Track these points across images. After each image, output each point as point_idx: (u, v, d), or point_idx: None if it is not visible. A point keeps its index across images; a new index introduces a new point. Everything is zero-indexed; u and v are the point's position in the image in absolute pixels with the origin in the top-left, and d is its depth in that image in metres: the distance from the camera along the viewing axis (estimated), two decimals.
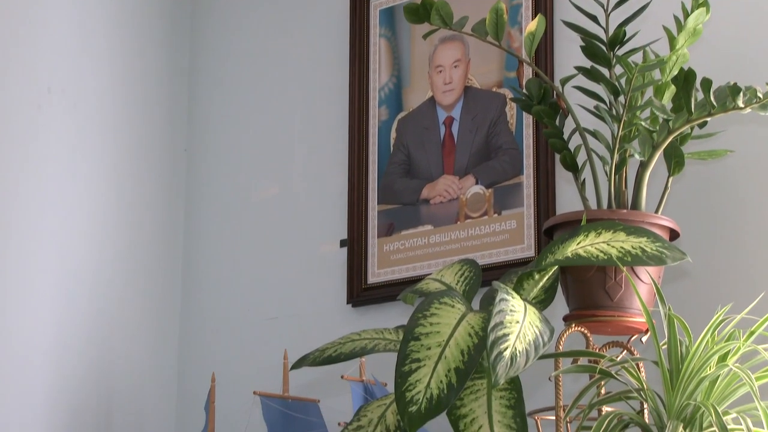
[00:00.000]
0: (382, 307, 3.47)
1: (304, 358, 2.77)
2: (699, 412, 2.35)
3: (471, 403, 2.63)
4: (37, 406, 3.43)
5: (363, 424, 2.73)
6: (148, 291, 3.79)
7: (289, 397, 3.28)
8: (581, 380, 2.81)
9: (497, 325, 2.42)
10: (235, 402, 3.55)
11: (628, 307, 2.58)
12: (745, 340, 2.37)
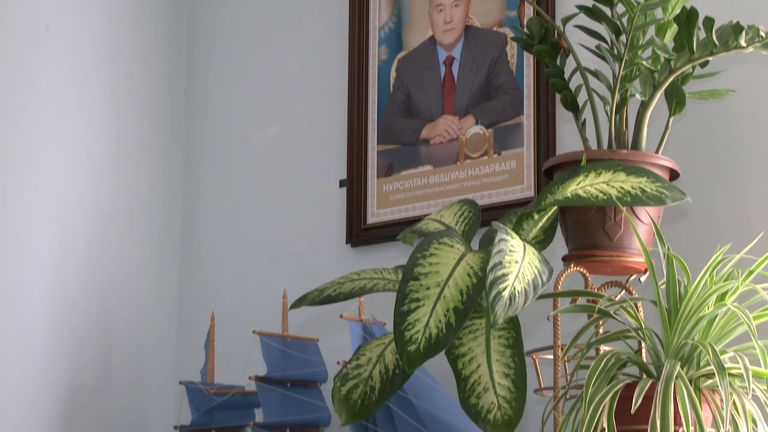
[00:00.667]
0: (381, 247, 3.47)
1: (304, 297, 2.77)
2: (697, 351, 2.36)
3: (470, 342, 2.64)
4: (36, 346, 3.44)
5: (362, 363, 2.74)
6: (147, 230, 3.79)
7: (289, 336, 3.29)
8: (579, 320, 2.81)
9: (496, 265, 2.42)
10: (234, 341, 3.56)
11: (627, 247, 2.57)
12: (744, 280, 2.38)
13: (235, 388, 3.35)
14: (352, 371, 2.73)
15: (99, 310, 3.60)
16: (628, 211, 2.54)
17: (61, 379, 3.47)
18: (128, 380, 3.64)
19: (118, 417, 3.59)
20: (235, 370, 3.38)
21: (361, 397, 2.70)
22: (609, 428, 2.32)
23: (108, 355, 3.60)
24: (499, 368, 2.59)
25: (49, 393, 3.44)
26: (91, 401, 3.53)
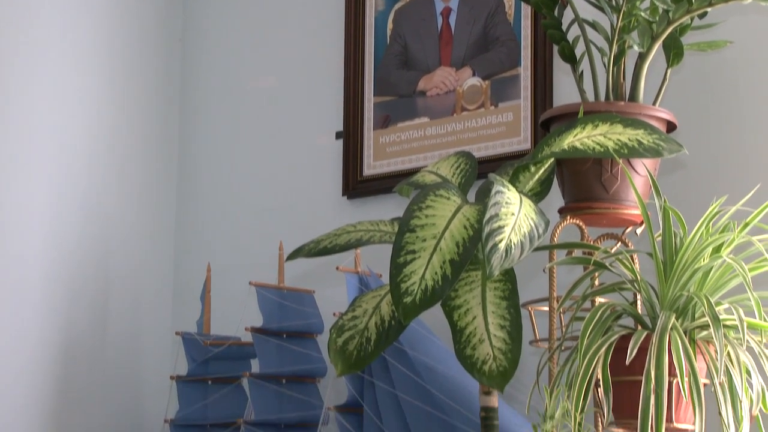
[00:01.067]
0: (378, 199, 3.47)
1: (300, 249, 2.77)
2: (692, 303, 2.36)
3: (465, 294, 2.64)
4: (32, 299, 3.44)
5: (358, 314, 2.74)
6: (143, 182, 3.79)
7: (285, 287, 3.30)
8: (575, 272, 2.82)
9: (492, 218, 2.41)
10: (230, 292, 3.57)
11: (623, 199, 2.57)
12: (740, 232, 2.37)
13: (231, 339, 3.36)
14: (348, 322, 2.74)
15: (95, 263, 3.61)
16: (624, 163, 2.53)
17: (58, 332, 3.48)
18: (125, 331, 3.65)
19: (115, 368, 3.60)
20: (231, 322, 3.39)
21: (357, 348, 2.71)
22: (604, 379, 2.33)
23: (104, 307, 3.61)
24: (494, 320, 2.60)
25: (46, 345, 3.44)
26: (87, 353, 3.54)
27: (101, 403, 3.55)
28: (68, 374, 3.49)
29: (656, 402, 2.23)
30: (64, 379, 3.48)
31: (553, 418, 2.41)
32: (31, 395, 3.40)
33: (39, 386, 3.42)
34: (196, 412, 3.32)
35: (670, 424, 2.33)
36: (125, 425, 3.60)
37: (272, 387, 3.20)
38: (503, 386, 2.58)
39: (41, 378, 3.43)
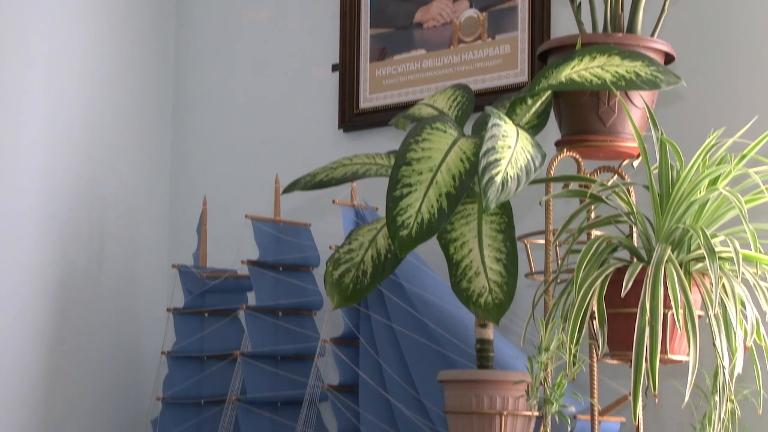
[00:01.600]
0: (374, 132, 3.46)
1: (296, 182, 2.77)
2: (687, 235, 2.36)
3: (461, 227, 2.64)
4: (28, 232, 3.44)
5: (354, 247, 2.75)
6: (138, 115, 3.77)
7: (281, 220, 3.30)
8: (571, 205, 2.82)
9: (489, 150, 2.41)
10: (226, 225, 3.57)
11: (620, 131, 2.56)
12: (736, 164, 2.37)
13: (227, 271, 3.37)
14: (344, 255, 2.74)
15: (91, 196, 3.60)
16: (622, 95, 2.52)
17: (54, 265, 3.48)
18: (121, 264, 3.65)
19: (112, 301, 3.61)
20: (228, 254, 3.40)
21: (353, 281, 2.71)
22: (599, 311, 2.34)
23: (100, 240, 3.61)
24: (490, 253, 2.60)
25: (42, 278, 3.45)
26: (84, 285, 3.54)
27: (98, 335, 3.56)
28: (66, 308, 3.50)
29: (651, 334, 2.24)
30: (62, 313, 3.49)
31: (548, 350, 2.42)
32: (30, 330, 3.41)
33: (37, 321, 3.43)
34: (192, 344, 3.34)
35: (664, 355, 2.34)
36: (122, 358, 3.61)
37: (269, 320, 3.21)
38: (499, 319, 2.59)
39: (39, 312, 3.44)
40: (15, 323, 3.39)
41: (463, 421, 2.60)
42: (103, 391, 3.55)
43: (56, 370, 3.46)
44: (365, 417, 2.96)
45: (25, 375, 3.39)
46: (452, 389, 2.63)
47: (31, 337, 3.41)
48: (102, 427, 3.53)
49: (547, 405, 2.45)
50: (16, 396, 3.37)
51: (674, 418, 2.68)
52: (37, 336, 3.43)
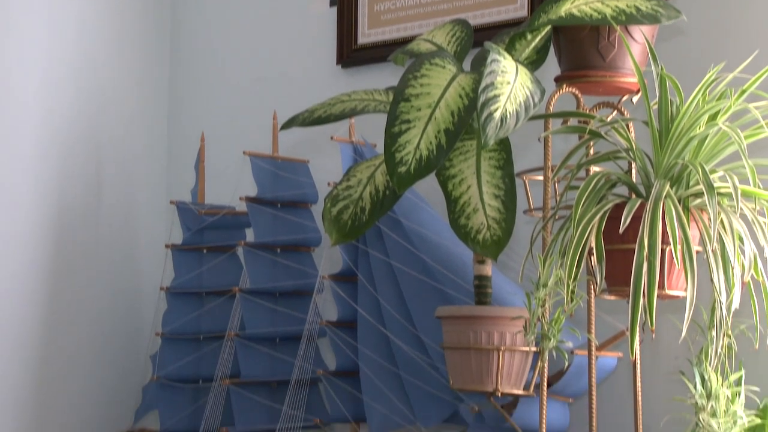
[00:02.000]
0: (372, 68, 3.45)
1: (294, 118, 2.76)
2: (686, 171, 2.36)
3: (460, 164, 2.64)
4: (26, 168, 3.44)
5: (352, 184, 2.74)
6: (136, 52, 3.76)
7: (279, 157, 3.29)
8: (570, 141, 2.81)
9: (488, 86, 2.40)
10: (224, 162, 3.57)
11: (620, 67, 2.55)
12: (736, 99, 2.36)
13: (225, 208, 3.37)
14: (342, 192, 2.74)
15: (89, 134, 3.59)
16: (622, 30, 2.51)
17: (53, 203, 3.48)
18: (119, 201, 3.65)
19: (110, 237, 3.61)
20: (226, 191, 3.40)
21: (352, 217, 2.71)
22: (597, 248, 2.34)
23: (98, 177, 3.61)
24: (489, 189, 2.60)
25: (40, 216, 3.45)
26: (82, 223, 3.54)
27: (97, 272, 3.57)
28: (63, 245, 3.50)
29: (649, 269, 2.25)
30: (60, 250, 3.49)
31: (546, 286, 2.43)
32: (29, 268, 3.42)
33: (36, 259, 3.43)
34: (191, 280, 3.35)
35: (662, 290, 2.34)
36: (121, 294, 3.62)
37: (267, 256, 3.22)
38: (497, 255, 2.60)
39: (38, 250, 3.44)
40: (13, 262, 3.39)
41: (460, 357, 2.61)
42: (102, 327, 3.56)
43: (55, 308, 3.46)
44: (363, 353, 2.98)
45: (25, 313, 3.40)
46: (450, 325, 2.64)
47: (30, 276, 3.42)
48: (102, 363, 3.55)
49: (544, 340, 2.46)
50: (15, 333, 3.38)
51: (671, 353, 2.69)
52: (37, 273, 3.43)
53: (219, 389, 3.17)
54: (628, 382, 2.61)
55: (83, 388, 3.50)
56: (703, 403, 2.31)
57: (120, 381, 3.56)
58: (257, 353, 3.17)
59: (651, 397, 2.68)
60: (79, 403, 3.48)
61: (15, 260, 3.39)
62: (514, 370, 2.59)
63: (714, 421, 2.29)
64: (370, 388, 2.95)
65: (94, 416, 3.50)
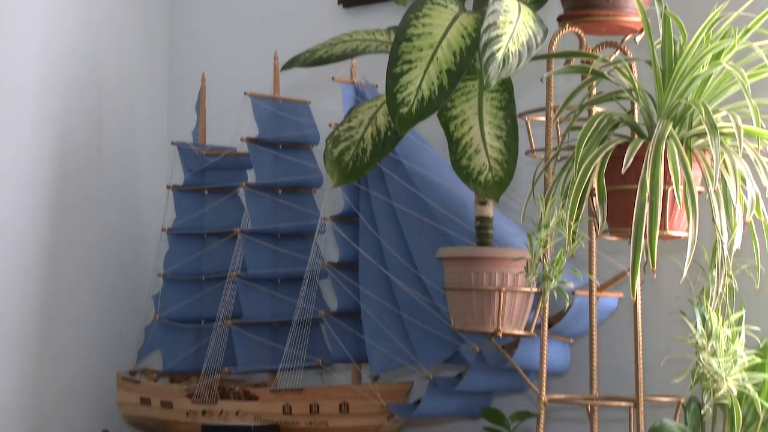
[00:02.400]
0: (374, 7, 3.43)
1: (295, 59, 2.75)
2: (689, 111, 2.35)
3: (462, 104, 2.63)
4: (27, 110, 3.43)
5: (353, 125, 2.74)
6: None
7: (280, 98, 3.28)
8: (573, 81, 2.80)
9: (490, 26, 2.39)
10: (225, 103, 3.56)
11: (623, 6, 2.53)
12: (740, 38, 2.35)
13: (226, 149, 3.36)
14: (343, 133, 2.74)
15: (89, 75, 3.58)
16: None
17: (54, 144, 3.47)
18: (120, 142, 3.64)
19: (111, 179, 3.61)
20: (227, 132, 3.39)
21: (353, 158, 2.71)
22: (599, 188, 2.34)
23: (99, 118, 3.60)
24: (491, 130, 2.59)
25: (41, 158, 3.44)
26: (83, 164, 3.54)
27: (99, 214, 3.57)
28: (65, 187, 3.49)
29: (650, 210, 2.24)
30: (62, 191, 3.49)
31: (547, 227, 2.43)
32: (30, 209, 3.42)
33: (37, 200, 3.43)
34: (193, 221, 3.35)
35: (663, 231, 2.34)
36: (123, 235, 3.63)
37: (268, 197, 3.21)
38: (498, 196, 2.60)
39: (40, 191, 3.44)
40: (14, 205, 3.39)
41: (462, 298, 2.62)
42: (104, 268, 3.57)
43: (57, 248, 3.47)
44: (365, 294, 2.98)
45: (26, 253, 3.41)
46: (451, 266, 2.65)
47: (31, 217, 3.42)
48: (104, 303, 3.56)
49: (545, 281, 2.46)
50: (17, 273, 3.39)
51: (672, 294, 2.70)
52: (39, 215, 3.43)
53: (221, 330, 3.18)
54: (628, 322, 2.61)
55: (86, 328, 3.51)
56: (703, 343, 2.32)
57: (122, 321, 3.58)
58: (259, 294, 3.18)
59: (652, 338, 2.69)
60: (82, 343, 3.50)
61: (16, 203, 3.39)
62: (515, 310, 2.60)
63: (714, 361, 2.30)
64: (371, 329, 2.96)
65: (97, 356, 3.52)
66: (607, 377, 2.77)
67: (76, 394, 3.47)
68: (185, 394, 3.21)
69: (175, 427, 3.23)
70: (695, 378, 2.34)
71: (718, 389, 2.30)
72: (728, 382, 2.29)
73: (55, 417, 3.42)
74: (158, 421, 3.27)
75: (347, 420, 3.00)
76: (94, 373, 3.51)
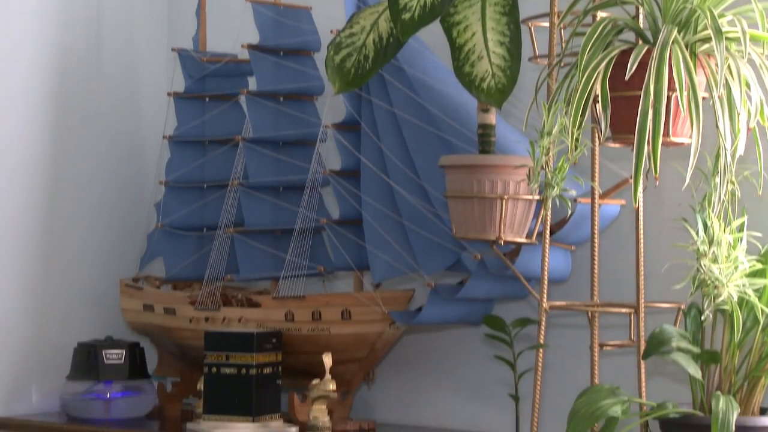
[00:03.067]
0: None
1: None
2: (694, 16, 2.33)
3: (465, 10, 2.61)
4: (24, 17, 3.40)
5: (355, 31, 2.72)
6: None
7: (281, 3, 3.25)
8: None
9: None
10: (226, 9, 3.53)
11: None
12: None
13: (227, 56, 3.34)
14: (345, 40, 2.72)
15: None
16: None
17: (53, 50, 3.45)
18: (120, 49, 3.62)
19: (112, 86, 3.59)
20: (228, 39, 3.36)
21: (355, 65, 2.70)
22: (602, 95, 2.33)
23: (99, 24, 3.57)
24: (494, 36, 2.58)
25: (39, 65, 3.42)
26: (83, 71, 3.52)
27: (100, 122, 3.56)
28: (65, 93, 3.48)
29: (654, 116, 2.24)
30: (62, 98, 3.47)
31: (550, 134, 2.42)
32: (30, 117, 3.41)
33: (37, 107, 3.42)
34: (194, 128, 3.34)
35: (666, 137, 2.34)
36: (124, 143, 3.62)
37: (269, 105, 3.20)
38: (501, 103, 2.59)
39: (39, 99, 3.42)
40: (14, 109, 3.38)
41: (464, 206, 2.62)
42: (106, 176, 3.56)
43: (59, 156, 3.46)
44: (367, 202, 2.98)
45: (28, 162, 3.40)
46: (453, 174, 2.65)
47: (31, 124, 3.41)
48: (106, 212, 3.56)
49: (548, 189, 2.46)
50: (20, 181, 3.39)
51: (674, 200, 2.70)
52: (38, 121, 3.42)
53: (223, 237, 3.19)
54: (630, 230, 2.62)
55: (88, 236, 3.52)
56: (704, 249, 2.33)
57: (125, 229, 3.58)
58: (261, 202, 3.18)
59: (653, 245, 2.70)
60: (85, 250, 3.51)
61: (15, 107, 3.38)
62: (517, 218, 2.60)
63: (715, 267, 2.30)
64: (373, 237, 2.97)
65: (100, 263, 3.53)
66: (607, 284, 2.78)
67: (80, 300, 3.49)
68: (188, 301, 3.22)
69: (178, 333, 3.25)
70: (696, 284, 2.35)
71: (719, 295, 2.31)
72: (729, 288, 2.30)
73: (59, 324, 3.44)
74: (161, 327, 3.29)
75: (349, 327, 3.01)
76: (97, 280, 3.52)
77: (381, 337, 3.03)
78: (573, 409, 2.32)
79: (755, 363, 2.38)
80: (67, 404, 3.29)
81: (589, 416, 2.29)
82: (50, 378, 3.38)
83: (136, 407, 3.29)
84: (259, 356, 2.96)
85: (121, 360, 3.28)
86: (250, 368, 2.95)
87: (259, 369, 2.96)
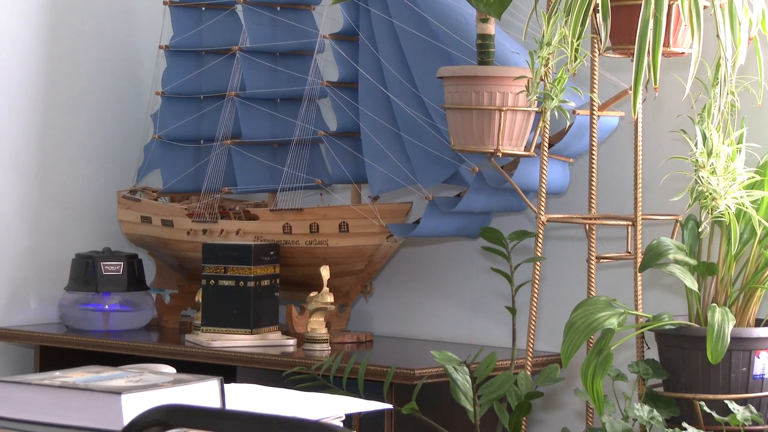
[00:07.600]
0: None
1: None
2: None
3: None
4: None
5: None
6: None
7: None
8: None
9: None
10: None
11: None
12: None
13: None
14: None
15: None
16: None
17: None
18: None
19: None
20: None
21: None
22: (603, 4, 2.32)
23: None
24: None
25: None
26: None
27: (95, 32, 3.52)
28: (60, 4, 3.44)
29: (654, 26, 2.21)
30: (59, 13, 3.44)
31: (549, 45, 2.40)
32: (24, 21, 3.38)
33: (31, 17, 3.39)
34: (190, 38, 3.30)
35: (667, 48, 2.32)
36: (121, 53, 3.58)
37: (266, 14, 3.16)
38: (500, 13, 2.56)
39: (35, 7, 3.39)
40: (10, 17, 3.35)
41: (462, 117, 2.60)
42: (102, 87, 3.53)
43: (55, 67, 3.44)
44: (364, 113, 2.96)
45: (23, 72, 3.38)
46: (452, 85, 2.62)
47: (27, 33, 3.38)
48: (103, 123, 3.54)
49: (546, 100, 2.44)
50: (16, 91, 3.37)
51: (673, 112, 2.68)
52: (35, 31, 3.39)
53: (220, 149, 3.17)
54: (629, 142, 2.60)
55: (85, 146, 3.50)
56: (703, 161, 2.31)
57: (122, 140, 3.56)
58: (258, 113, 3.16)
59: (652, 157, 2.68)
60: (82, 161, 3.49)
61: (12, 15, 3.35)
62: (516, 130, 2.59)
63: (713, 178, 2.29)
64: (371, 149, 2.95)
65: (97, 174, 3.52)
66: (605, 197, 2.77)
67: (78, 212, 3.48)
68: (186, 213, 3.22)
69: (175, 245, 3.25)
70: (694, 196, 2.34)
71: (717, 207, 2.30)
72: (726, 200, 2.29)
73: (56, 234, 3.44)
74: (159, 239, 3.29)
75: (347, 239, 3.01)
76: (94, 191, 3.51)
77: (378, 250, 3.03)
78: (569, 321, 2.33)
79: (751, 275, 2.39)
80: (65, 315, 3.30)
81: (586, 328, 2.29)
82: (48, 289, 3.39)
83: (134, 319, 3.30)
84: (257, 269, 2.97)
85: (119, 272, 3.28)
86: (248, 280, 2.96)
87: (257, 281, 2.96)
